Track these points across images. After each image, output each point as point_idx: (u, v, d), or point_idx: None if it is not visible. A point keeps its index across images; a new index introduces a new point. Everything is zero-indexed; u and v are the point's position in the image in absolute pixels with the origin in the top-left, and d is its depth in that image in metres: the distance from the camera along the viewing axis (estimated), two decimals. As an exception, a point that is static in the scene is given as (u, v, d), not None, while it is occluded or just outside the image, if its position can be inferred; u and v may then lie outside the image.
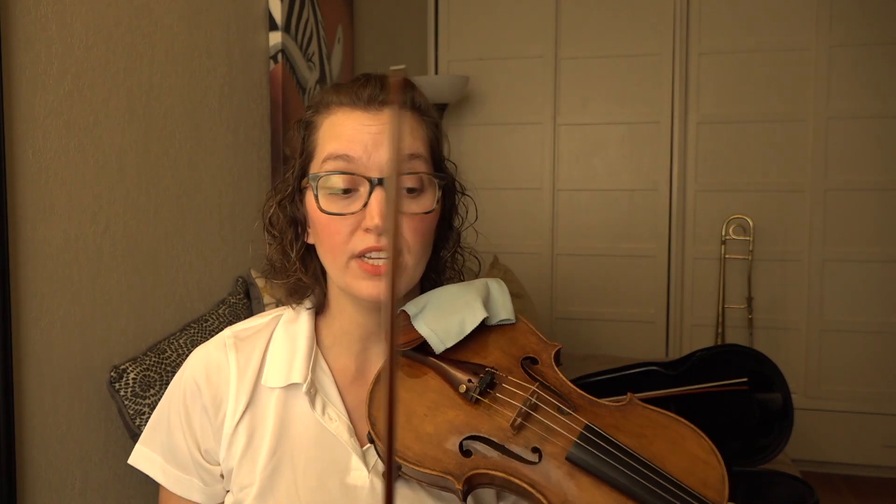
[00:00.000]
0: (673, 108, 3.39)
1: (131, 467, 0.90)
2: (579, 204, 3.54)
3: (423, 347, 0.80)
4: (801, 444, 2.99)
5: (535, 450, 0.71)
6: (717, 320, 3.32)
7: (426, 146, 0.82)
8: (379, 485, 0.80)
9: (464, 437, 0.73)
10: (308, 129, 0.84)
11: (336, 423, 0.82)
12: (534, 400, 0.74)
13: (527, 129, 3.58)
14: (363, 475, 0.80)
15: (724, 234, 3.32)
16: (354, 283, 0.78)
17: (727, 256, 3.33)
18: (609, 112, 3.48)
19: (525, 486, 0.69)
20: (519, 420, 0.72)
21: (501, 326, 0.83)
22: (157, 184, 1.58)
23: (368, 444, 0.82)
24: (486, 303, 0.84)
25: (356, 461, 0.81)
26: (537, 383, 0.77)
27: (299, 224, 0.85)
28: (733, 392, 1.84)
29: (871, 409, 3.16)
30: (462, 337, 0.79)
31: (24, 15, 1.21)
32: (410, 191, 0.79)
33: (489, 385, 0.75)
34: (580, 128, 3.53)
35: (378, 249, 0.77)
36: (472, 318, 0.80)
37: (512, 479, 0.69)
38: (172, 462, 0.87)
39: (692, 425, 0.73)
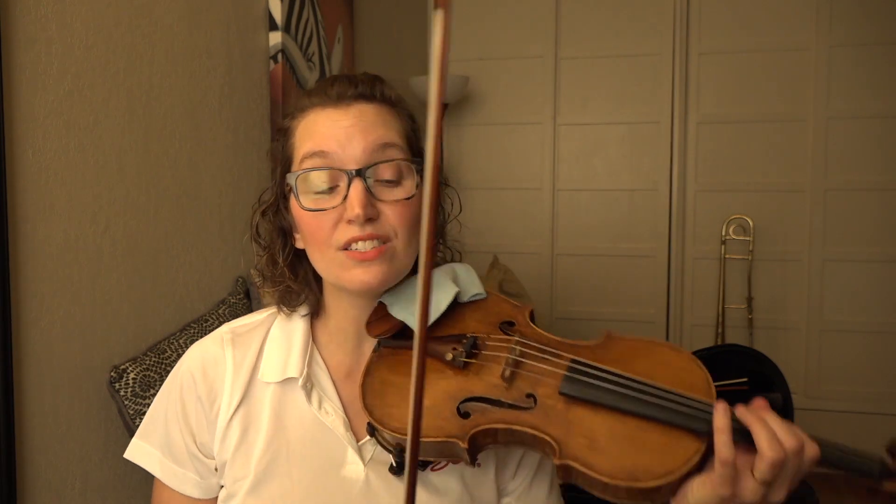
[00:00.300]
0: (673, 108, 3.39)
1: (131, 467, 0.90)
2: (579, 204, 3.54)
3: (402, 333, 0.82)
4: (801, 444, 2.99)
5: (530, 395, 0.74)
6: (717, 320, 3.32)
7: (401, 136, 0.83)
8: (374, 478, 0.81)
9: (459, 401, 0.75)
10: (286, 135, 0.85)
11: (332, 416, 0.83)
12: (518, 349, 0.77)
13: (527, 129, 3.57)
14: (358, 469, 0.81)
15: (724, 234, 3.32)
16: (344, 273, 0.79)
17: (727, 256, 3.33)
18: (609, 112, 3.48)
19: (526, 430, 0.70)
20: (508, 371, 0.75)
21: (474, 302, 0.86)
22: (157, 184, 1.58)
23: (365, 439, 0.83)
24: (455, 282, 0.86)
25: (352, 454, 0.82)
26: (518, 336, 0.80)
27: (287, 232, 0.87)
28: (733, 392, 1.84)
29: (871, 409, 3.16)
30: (439, 314, 0.81)
31: (24, 15, 1.21)
32: (388, 182, 0.80)
33: (473, 347, 0.78)
34: (580, 128, 3.52)
35: (362, 239, 0.78)
36: (446, 296, 0.82)
37: (513, 427, 0.71)
38: (168, 455, 0.88)
39: (667, 342, 0.78)
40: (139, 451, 0.89)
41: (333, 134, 0.79)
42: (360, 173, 0.77)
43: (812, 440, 0.64)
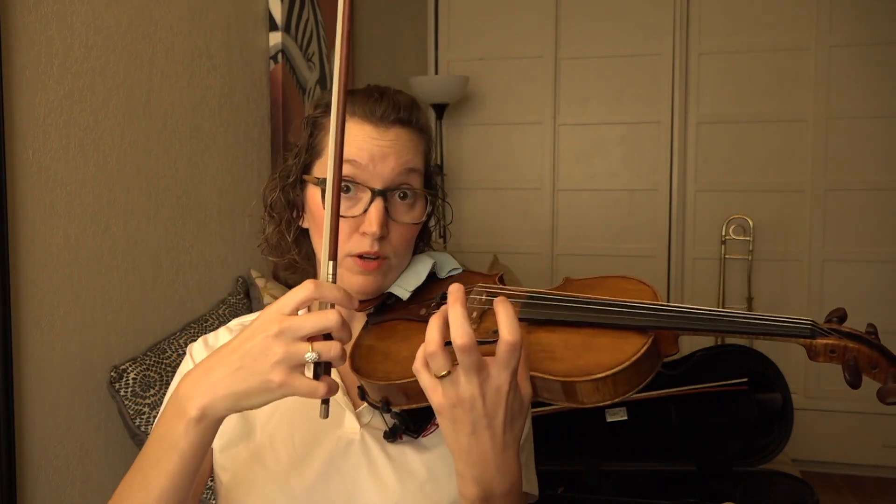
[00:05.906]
0: (673, 108, 3.39)
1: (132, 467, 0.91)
2: (579, 204, 3.54)
3: (384, 306, 0.90)
4: (801, 444, 2.99)
5: (496, 331, 0.80)
6: (717, 320, 3.32)
7: (423, 162, 0.91)
8: (369, 438, 0.87)
9: None
10: (316, 127, 0.92)
11: None
12: (484, 296, 0.84)
13: (527, 129, 3.57)
14: (355, 428, 0.87)
15: (724, 234, 3.32)
16: (346, 275, 0.88)
17: (727, 256, 3.33)
18: (609, 112, 3.48)
19: None
20: (476, 313, 0.82)
21: (451, 276, 0.95)
22: (157, 184, 1.58)
23: (361, 406, 0.88)
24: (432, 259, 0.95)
25: (349, 417, 0.87)
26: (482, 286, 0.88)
27: (295, 208, 0.93)
28: (733, 392, 1.84)
29: (871, 409, 3.15)
30: (420, 281, 0.90)
31: (24, 15, 1.21)
32: (403, 202, 0.88)
33: (442, 300, 0.85)
34: (580, 128, 3.53)
35: (370, 254, 0.85)
36: (424, 266, 0.92)
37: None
38: None
39: (622, 275, 0.86)
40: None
41: (369, 148, 0.86)
42: (382, 194, 0.85)
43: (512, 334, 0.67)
